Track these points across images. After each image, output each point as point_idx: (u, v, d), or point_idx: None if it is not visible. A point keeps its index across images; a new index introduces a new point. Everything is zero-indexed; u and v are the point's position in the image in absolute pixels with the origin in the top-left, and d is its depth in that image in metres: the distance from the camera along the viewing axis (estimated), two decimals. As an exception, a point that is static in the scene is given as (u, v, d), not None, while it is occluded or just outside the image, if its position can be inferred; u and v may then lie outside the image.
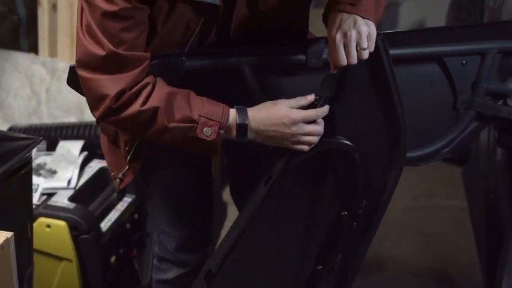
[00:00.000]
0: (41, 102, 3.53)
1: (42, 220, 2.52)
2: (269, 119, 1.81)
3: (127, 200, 2.79)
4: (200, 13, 1.79)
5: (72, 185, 2.70)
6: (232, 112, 1.81)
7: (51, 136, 2.99)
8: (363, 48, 1.78)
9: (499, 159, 2.53)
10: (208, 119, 1.77)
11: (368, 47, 1.79)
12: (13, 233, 1.65)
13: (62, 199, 2.61)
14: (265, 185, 1.87)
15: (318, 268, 2.06)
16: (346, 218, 2.00)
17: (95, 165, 2.82)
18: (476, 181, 2.77)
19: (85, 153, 2.86)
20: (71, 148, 2.86)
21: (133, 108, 1.75)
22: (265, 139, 1.83)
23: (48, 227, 2.52)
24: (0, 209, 1.98)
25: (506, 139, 2.22)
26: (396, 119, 1.91)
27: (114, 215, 2.70)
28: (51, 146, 2.92)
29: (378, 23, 4.74)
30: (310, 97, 1.84)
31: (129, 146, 1.98)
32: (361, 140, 1.92)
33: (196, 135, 1.78)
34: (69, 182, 2.70)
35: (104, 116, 1.78)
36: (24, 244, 2.10)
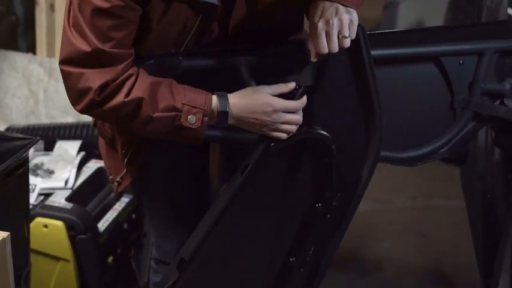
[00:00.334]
0: (38, 102, 3.53)
1: (40, 220, 2.52)
2: (250, 106, 1.81)
3: (124, 200, 2.79)
4: (198, 12, 1.79)
5: (69, 185, 2.70)
6: (213, 98, 1.81)
7: (49, 136, 2.98)
8: (344, 36, 1.78)
9: (497, 159, 2.53)
10: (192, 106, 1.78)
11: (349, 35, 1.79)
12: (9, 233, 1.64)
13: (59, 199, 2.61)
14: (242, 174, 1.88)
15: (291, 260, 2.06)
16: (320, 210, 2.00)
17: (93, 166, 2.82)
18: (474, 181, 2.77)
19: (82, 154, 2.86)
20: (69, 148, 2.86)
21: (117, 99, 1.75)
22: (245, 125, 1.84)
23: (45, 227, 2.52)
24: (-3, 209, 1.98)
25: (504, 139, 2.22)
26: (373, 112, 1.90)
27: (111, 215, 2.70)
28: (49, 146, 2.91)
29: (376, 23, 4.71)
30: (291, 85, 1.85)
31: (125, 149, 1.98)
32: (338, 131, 1.92)
33: (181, 124, 1.78)
34: (66, 182, 2.70)
35: (87, 109, 1.78)
36: (21, 244, 2.10)
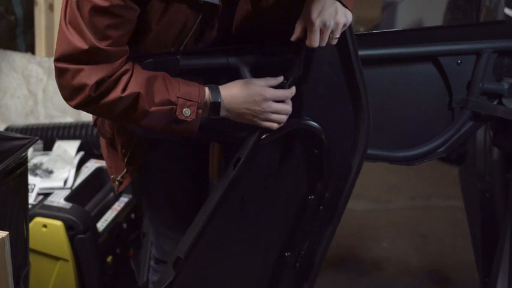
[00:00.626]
0: (37, 102, 3.53)
1: (39, 220, 2.52)
2: (241, 97, 1.83)
3: (123, 200, 2.79)
4: (198, 12, 1.79)
5: (68, 185, 2.70)
6: (206, 90, 1.83)
7: (48, 136, 2.99)
8: (335, 37, 1.82)
9: (495, 159, 2.53)
10: (186, 99, 1.80)
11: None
12: (8, 232, 1.64)
13: (58, 199, 2.61)
14: (234, 167, 1.89)
15: (286, 255, 2.07)
16: (313, 202, 2.01)
17: (92, 165, 2.82)
18: (473, 181, 2.77)
19: (81, 153, 2.86)
20: (68, 148, 2.86)
21: (114, 94, 1.76)
22: (237, 116, 1.86)
23: (44, 226, 2.52)
24: (-4, 208, 1.98)
25: (502, 139, 2.23)
26: (360, 103, 1.91)
27: (110, 215, 2.71)
28: (48, 146, 2.92)
29: (376, 23, 4.72)
30: (280, 78, 1.87)
31: (125, 149, 1.98)
32: (327, 122, 1.93)
33: (176, 117, 1.80)
34: (65, 182, 2.71)
35: (82, 105, 1.78)
36: (20, 244, 2.10)
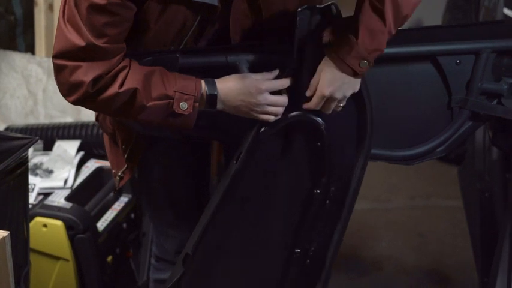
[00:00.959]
0: (37, 102, 3.53)
1: (39, 220, 2.52)
2: (236, 89, 1.84)
3: (123, 200, 2.79)
4: (197, 13, 1.80)
5: (68, 184, 2.71)
6: (202, 84, 1.84)
7: (48, 136, 2.99)
8: (340, 106, 1.88)
9: (494, 159, 2.54)
10: (183, 93, 1.80)
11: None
12: (9, 232, 1.65)
13: (58, 199, 2.61)
14: (236, 161, 1.90)
15: (296, 251, 2.07)
16: (319, 196, 2.01)
17: (92, 165, 2.83)
18: (472, 180, 2.77)
19: (81, 153, 2.86)
20: (68, 148, 2.86)
21: (111, 90, 1.77)
22: (233, 109, 1.87)
23: (44, 226, 2.52)
24: (-4, 208, 1.99)
25: (501, 139, 2.23)
26: (360, 94, 1.91)
27: (110, 215, 2.71)
28: (48, 146, 2.92)
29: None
30: (275, 71, 1.88)
31: (125, 145, 2.00)
32: (327, 114, 1.92)
33: (173, 111, 1.81)
34: (65, 182, 2.71)
35: (80, 101, 1.79)
36: (20, 243, 2.11)
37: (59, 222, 2.52)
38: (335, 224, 2.04)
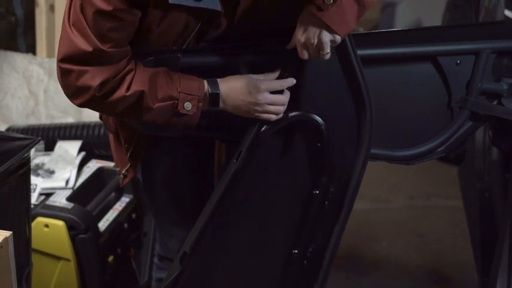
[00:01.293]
0: (38, 103, 3.54)
1: (41, 220, 2.53)
2: (237, 88, 1.86)
3: (125, 200, 2.80)
4: (199, 17, 1.81)
5: (70, 185, 2.71)
6: (204, 83, 1.86)
7: (49, 136, 3.00)
8: (325, 53, 1.84)
9: (494, 159, 2.54)
10: (187, 94, 1.83)
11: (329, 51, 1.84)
12: (12, 232, 1.65)
13: (60, 199, 2.62)
14: (236, 160, 1.90)
15: (293, 252, 2.07)
16: (318, 197, 2.02)
17: (93, 166, 2.83)
18: (472, 180, 2.77)
19: (83, 154, 2.87)
20: (69, 148, 2.87)
21: (118, 94, 1.79)
22: (234, 108, 1.88)
23: (46, 226, 2.53)
24: (-2, 208, 1.99)
25: (501, 139, 2.23)
26: (361, 95, 1.92)
27: (112, 215, 2.71)
28: (49, 147, 2.93)
29: (375, 23, 4.69)
30: (277, 72, 1.89)
31: (128, 144, 2.01)
32: (329, 115, 1.94)
33: (178, 111, 1.83)
34: (67, 182, 2.72)
35: (86, 104, 1.82)
36: (22, 244, 2.11)
37: (60, 223, 2.52)
38: (333, 225, 2.05)
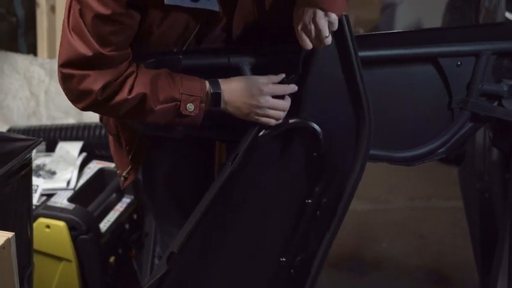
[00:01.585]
0: (39, 104, 3.54)
1: (42, 220, 2.53)
2: (239, 90, 1.86)
3: (126, 201, 2.80)
4: (198, 18, 1.82)
5: (71, 185, 2.71)
6: (206, 84, 1.86)
7: (50, 137, 3.00)
8: (324, 36, 1.82)
9: (494, 159, 2.54)
10: (189, 95, 1.83)
11: (330, 33, 1.83)
12: (14, 233, 1.66)
13: (61, 200, 2.62)
14: (232, 163, 1.91)
15: (281, 260, 2.07)
16: (310, 206, 2.01)
17: (94, 166, 2.83)
18: (472, 181, 2.78)
19: (84, 154, 2.87)
20: (70, 149, 2.87)
21: (121, 96, 1.79)
22: (235, 109, 1.88)
23: (47, 227, 2.53)
24: (0, 209, 1.99)
25: (501, 140, 2.24)
26: (361, 106, 1.92)
27: (113, 216, 2.72)
28: (50, 147, 2.93)
29: (375, 25, 4.70)
30: (281, 75, 1.90)
31: (129, 146, 2.01)
32: (328, 125, 1.94)
33: (180, 112, 1.84)
34: (68, 183, 2.72)
35: (89, 108, 1.82)
36: (24, 244, 2.11)
37: (61, 223, 2.53)
38: (324, 235, 2.04)
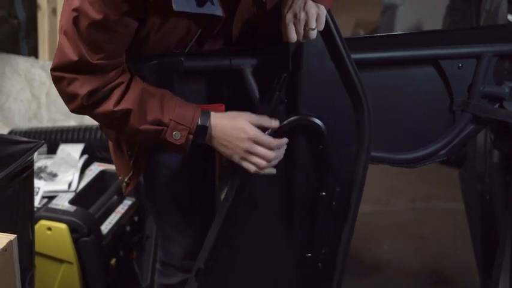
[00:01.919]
0: (41, 106, 3.54)
1: (43, 223, 2.53)
2: (227, 129, 1.84)
3: (127, 203, 2.80)
4: (199, 23, 1.81)
5: (72, 188, 2.72)
6: (199, 114, 1.83)
7: (52, 139, 3.00)
8: (311, 28, 1.82)
9: (495, 161, 2.54)
10: (178, 123, 1.80)
11: (316, 27, 1.82)
12: (16, 235, 1.66)
13: (62, 202, 2.62)
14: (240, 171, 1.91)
15: (307, 256, 2.08)
16: (325, 198, 2.02)
17: (95, 169, 2.84)
18: (473, 183, 2.78)
19: (85, 157, 2.88)
20: (71, 151, 2.88)
21: (106, 107, 1.79)
22: (218, 147, 1.86)
23: (49, 229, 2.53)
24: (2, 212, 1.99)
25: (502, 142, 2.24)
26: (356, 93, 1.92)
27: (114, 218, 2.72)
28: (52, 150, 2.93)
29: (375, 27, 4.71)
30: (275, 123, 1.88)
31: (131, 151, 2.00)
32: (327, 116, 1.94)
33: (165, 138, 1.81)
34: (69, 185, 2.72)
35: (78, 111, 1.82)
36: (25, 247, 2.12)
37: (63, 225, 2.53)
38: (343, 226, 2.05)
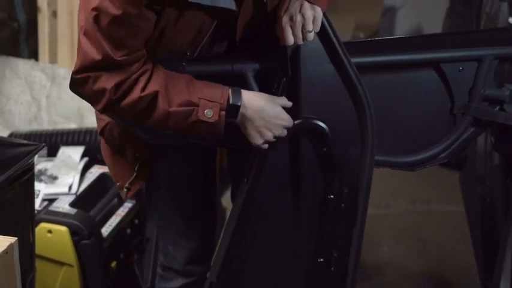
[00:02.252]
0: (41, 109, 3.54)
1: (44, 225, 2.53)
2: (264, 112, 1.86)
3: (127, 206, 2.80)
4: (214, 17, 1.82)
5: (73, 190, 2.72)
6: (229, 92, 1.84)
7: (52, 142, 3.00)
8: (307, 30, 1.83)
9: (496, 164, 2.54)
10: (208, 100, 1.81)
11: (313, 29, 1.84)
12: (17, 238, 1.66)
13: (63, 205, 2.62)
14: (246, 180, 1.92)
15: (319, 261, 2.08)
16: (333, 201, 2.02)
17: (96, 171, 2.84)
18: (473, 186, 2.78)
19: (86, 159, 2.87)
20: (72, 154, 2.87)
21: (134, 95, 1.79)
22: (246, 125, 1.87)
23: (49, 232, 2.53)
24: (3, 214, 1.99)
25: (503, 144, 2.24)
26: (357, 93, 1.92)
27: (114, 221, 2.72)
28: (52, 152, 2.93)
29: (375, 30, 4.71)
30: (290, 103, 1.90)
31: (138, 154, 2.00)
32: (329, 118, 1.95)
33: (198, 118, 1.81)
34: (70, 188, 2.72)
35: (106, 109, 1.82)
36: (26, 249, 2.12)
37: (63, 228, 2.53)
38: (352, 228, 2.05)
